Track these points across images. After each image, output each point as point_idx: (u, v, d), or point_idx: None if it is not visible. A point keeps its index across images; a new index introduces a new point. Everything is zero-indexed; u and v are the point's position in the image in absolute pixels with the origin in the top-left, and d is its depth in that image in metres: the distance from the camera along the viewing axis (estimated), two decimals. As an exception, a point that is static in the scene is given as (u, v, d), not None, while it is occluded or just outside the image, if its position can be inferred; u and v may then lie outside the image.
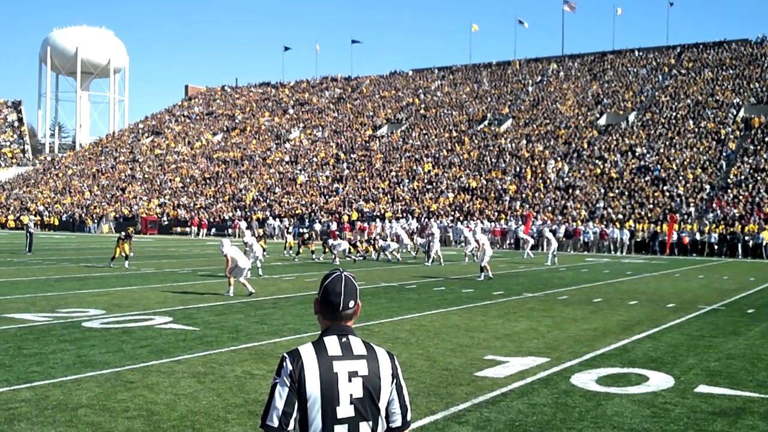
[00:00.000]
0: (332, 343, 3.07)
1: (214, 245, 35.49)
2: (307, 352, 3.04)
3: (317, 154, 69.17)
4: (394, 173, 60.11)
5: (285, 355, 3.07)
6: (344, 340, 3.09)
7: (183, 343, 10.80)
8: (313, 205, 57.68)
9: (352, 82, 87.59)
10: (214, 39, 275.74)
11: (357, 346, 3.10)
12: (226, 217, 59.55)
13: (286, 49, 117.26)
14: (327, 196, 59.33)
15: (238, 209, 60.85)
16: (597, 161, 52.89)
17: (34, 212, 69.10)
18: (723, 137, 51.91)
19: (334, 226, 49.03)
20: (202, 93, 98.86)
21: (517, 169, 54.77)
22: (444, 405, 7.55)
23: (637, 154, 52.44)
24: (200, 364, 9.32)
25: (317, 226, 47.70)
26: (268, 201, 60.99)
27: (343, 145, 69.60)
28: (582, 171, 52.11)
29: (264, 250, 31.82)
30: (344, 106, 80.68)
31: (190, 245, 43.53)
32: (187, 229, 59.36)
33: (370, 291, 18.63)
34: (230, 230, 55.33)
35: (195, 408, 7.30)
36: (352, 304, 3.13)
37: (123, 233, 26.52)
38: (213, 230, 57.77)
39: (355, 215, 53.50)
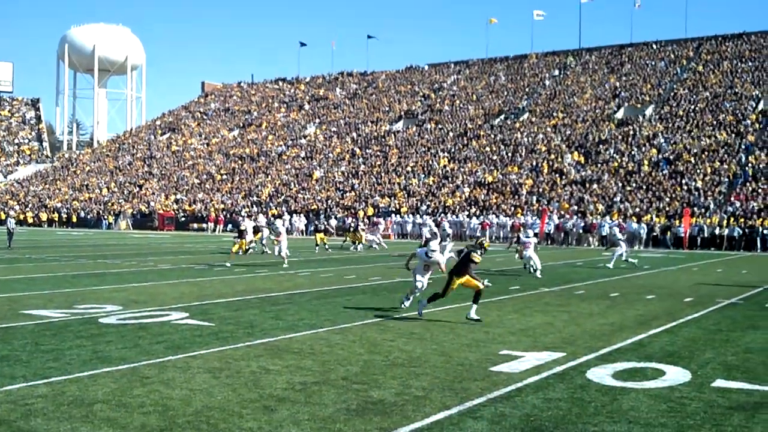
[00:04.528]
0: None
1: (231, 242, 35.66)
2: None
3: (333, 149, 69.21)
4: (409, 168, 60.04)
5: None
6: None
7: (199, 339, 10.84)
8: (329, 201, 57.74)
9: (368, 77, 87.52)
10: (229, 36, 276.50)
11: None
12: (243, 214, 59.70)
13: (302, 45, 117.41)
14: (343, 192, 59.36)
15: (254, 205, 61.01)
16: (614, 155, 52.57)
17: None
18: (742, 130, 51.45)
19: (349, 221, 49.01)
20: (218, 90, 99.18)
21: (534, 164, 54.54)
22: (459, 400, 7.52)
23: (655, 146, 52.08)
24: (215, 360, 9.36)
25: (333, 222, 47.78)
26: (284, 197, 61.12)
27: (359, 141, 69.60)
28: (599, 165, 51.81)
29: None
30: (360, 102, 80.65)
31: (207, 241, 43.72)
32: (204, 225, 59.60)
33: (385, 286, 18.64)
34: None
35: (210, 403, 7.32)
36: None
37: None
38: (229, 226, 57.97)
39: (370, 210, 53.51)
